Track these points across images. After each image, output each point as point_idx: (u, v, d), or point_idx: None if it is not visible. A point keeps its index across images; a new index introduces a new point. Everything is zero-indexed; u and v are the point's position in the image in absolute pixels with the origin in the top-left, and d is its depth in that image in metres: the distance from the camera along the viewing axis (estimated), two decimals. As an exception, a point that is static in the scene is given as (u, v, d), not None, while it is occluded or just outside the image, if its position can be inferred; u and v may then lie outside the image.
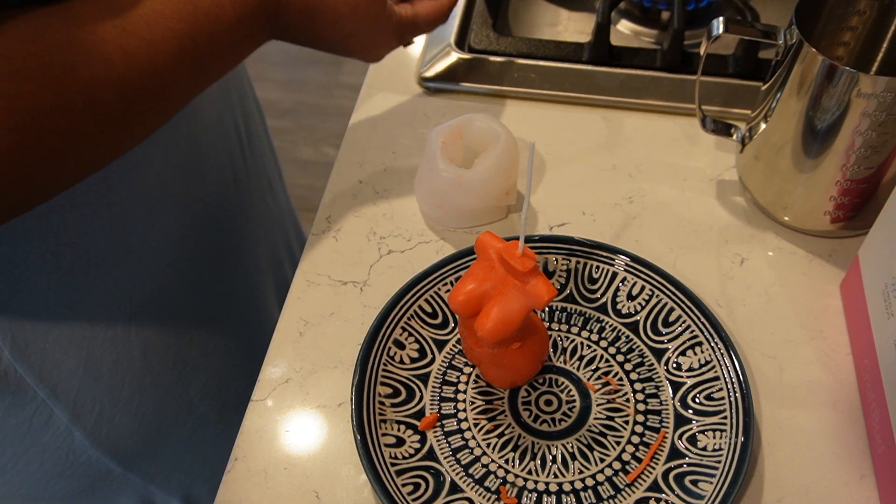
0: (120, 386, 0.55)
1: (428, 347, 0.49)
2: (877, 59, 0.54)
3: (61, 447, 0.55)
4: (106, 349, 0.53)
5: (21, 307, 0.47)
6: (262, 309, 0.70)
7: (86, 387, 0.53)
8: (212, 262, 0.61)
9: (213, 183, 0.59)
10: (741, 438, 0.43)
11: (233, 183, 0.62)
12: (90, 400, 0.54)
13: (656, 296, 0.50)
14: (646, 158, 0.60)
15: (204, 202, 0.58)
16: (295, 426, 0.46)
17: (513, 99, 0.65)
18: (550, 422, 0.46)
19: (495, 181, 0.53)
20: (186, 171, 0.55)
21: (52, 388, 0.51)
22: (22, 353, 0.48)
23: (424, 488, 0.43)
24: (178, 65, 0.40)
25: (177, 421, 0.61)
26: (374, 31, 0.51)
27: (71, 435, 0.54)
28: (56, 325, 0.49)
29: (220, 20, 0.42)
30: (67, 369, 0.51)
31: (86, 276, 0.49)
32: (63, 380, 0.51)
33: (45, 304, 0.48)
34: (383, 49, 0.55)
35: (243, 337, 0.66)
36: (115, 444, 0.57)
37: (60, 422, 0.53)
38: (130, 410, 0.57)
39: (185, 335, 0.59)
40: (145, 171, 0.50)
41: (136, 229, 0.51)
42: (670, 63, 0.64)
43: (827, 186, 0.51)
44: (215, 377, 0.63)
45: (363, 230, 0.56)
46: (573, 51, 0.66)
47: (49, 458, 0.55)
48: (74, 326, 0.50)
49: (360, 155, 0.61)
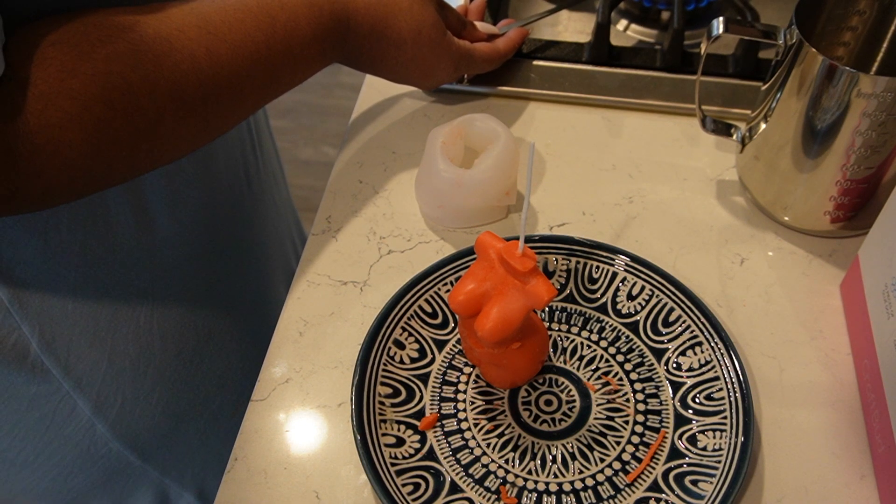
0: (142, 378, 0.56)
1: (428, 347, 0.49)
2: (877, 59, 0.54)
3: (83, 440, 0.56)
4: (129, 342, 0.54)
5: (49, 300, 0.48)
6: (273, 304, 0.71)
7: (109, 379, 0.54)
8: (227, 257, 0.62)
9: (229, 178, 0.60)
10: (741, 438, 0.43)
11: (245, 179, 0.63)
12: (113, 392, 0.55)
13: (656, 296, 0.50)
14: (646, 158, 0.60)
15: (221, 197, 0.59)
16: (295, 426, 0.46)
17: (513, 99, 0.65)
18: (550, 422, 0.46)
19: (495, 181, 0.53)
20: (206, 165, 0.56)
21: (77, 381, 0.52)
22: (49, 345, 0.49)
23: (424, 488, 0.43)
24: (253, 69, 0.43)
25: (193, 413, 0.62)
26: (433, 58, 0.55)
27: (93, 427, 0.55)
28: (82, 317, 0.50)
29: (294, 34, 0.46)
30: (92, 361, 0.52)
31: (111, 269, 0.51)
32: (87, 372, 0.52)
33: (72, 297, 0.49)
34: (441, 76, 0.58)
35: (257, 332, 0.66)
36: (136, 436, 0.58)
37: (83, 414, 0.54)
38: (151, 403, 0.58)
39: (203, 329, 0.60)
40: (169, 166, 0.51)
41: (159, 223, 0.53)
42: (670, 63, 0.64)
43: (827, 186, 0.51)
44: (230, 371, 0.64)
45: (363, 230, 0.56)
46: (573, 51, 0.66)
47: (70, 451, 0.56)
48: (99, 319, 0.51)
49: (360, 155, 0.61)
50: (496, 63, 0.63)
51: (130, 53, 0.37)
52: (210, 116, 0.43)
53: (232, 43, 0.42)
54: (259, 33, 0.43)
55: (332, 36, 0.49)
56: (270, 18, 0.44)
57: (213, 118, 0.43)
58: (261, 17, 0.44)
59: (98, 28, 0.37)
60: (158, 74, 0.38)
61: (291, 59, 0.46)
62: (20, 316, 0.47)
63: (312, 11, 0.47)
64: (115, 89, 0.36)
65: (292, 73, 0.47)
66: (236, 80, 0.43)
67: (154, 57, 0.38)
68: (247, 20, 0.43)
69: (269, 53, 0.44)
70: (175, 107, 0.40)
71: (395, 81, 0.59)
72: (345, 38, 0.50)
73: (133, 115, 0.38)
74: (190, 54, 0.40)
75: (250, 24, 0.43)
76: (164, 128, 0.40)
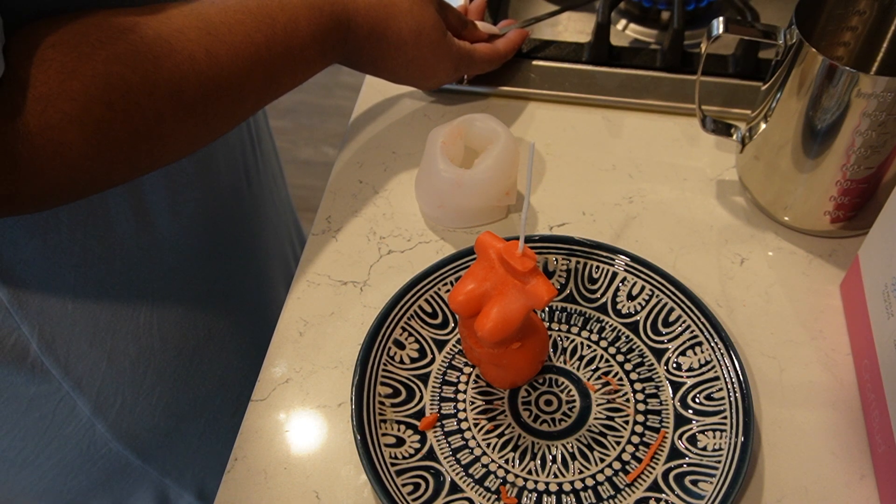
0: (141, 378, 0.56)
1: (428, 347, 0.49)
2: (877, 59, 0.54)
3: (83, 440, 0.56)
4: (128, 342, 0.54)
5: (49, 300, 0.48)
6: (273, 305, 0.71)
7: (109, 379, 0.54)
8: (227, 257, 0.62)
9: (229, 179, 0.60)
10: (741, 438, 0.43)
11: (245, 179, 0.63)
12: (112, 392, 0.55)
13: (656, 296, 0.50)
14: (646, 158, 0.60)
15: (221, 198, 0.59)
16: (295, 426, 0.46)
17: (513, 99, 0.65)
18: (550, 422, 0.46)
19: (495, 181, 0.53)
20: (207, 166, 0.56)
21: (77, 381, 0.52)
22: (49, 345, 0.50)
23: (424, 488, 0.43)
24: (253, 70, 0.44)
25: (193, 414, 0.63)
26: (433, 59, 0.55)
27: (93, 427, 0.55)
28: (82, 317, 0.50)
29: (294, 35, 0.46)
30: (91, 361, 0.52)
31: (111, 269, 0.51)
32: (87, 372, 0.53)
33: (72, 297, 0.49)
34: (441, 76, 0.58)
35: (256, 332, 0.67)
36: (135, 436, 0.58)
37: (83, 414, 0.54)
38: (150, 403, 0.58)
39: (203, 329, 0.60)
40: (170, 167, 0.51)
41: (159, 223, 0.53)
42: (670, 63, 0.64)
43: (827, 186, 0.51)
44: (230, 371, 0.64)
45: (363, 230, 0.56)
46: (573, 51, 0.66)
47: (70, 451, 0.56)
48: (99, 319, 0.52)
49: (360, 155, 0.61)
50: (496, 64, 0.63)
51: (130, 54, 0.37)
52: (210, 117, 0.43)
53: (231, 44, 0.42)
54: (259, 34, 0.44)
55: (331, 37, 0.49)
56: (270, 20, 0.44)
57: (212, 119, 0.43)
58: (261, 18, 0.44)
59: (98, 29, 0.37)
60: (158, 75, 0.38)
61: (291, 59, 0.46)
62: (20, 316, 0.48)
63: (312, 13, 0.47)
64: (115, 90, 0.37)
65: (292, 73, 0.47)
66: (236, 80, 0.43)
67: (153, 58, 0.38)
68: (246, 21, 0.43)
69: (268, 54, 0.44)
70: (175, 107, 0.40)
71: (396, 82, 0.59)
72: (345, 40, 0.50)
73: (133, 115, 0.38)
74: (189, 55, 0.40)
75: (250, 26, 0.43)
76: (164, 128, 0.40)
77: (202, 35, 0.41)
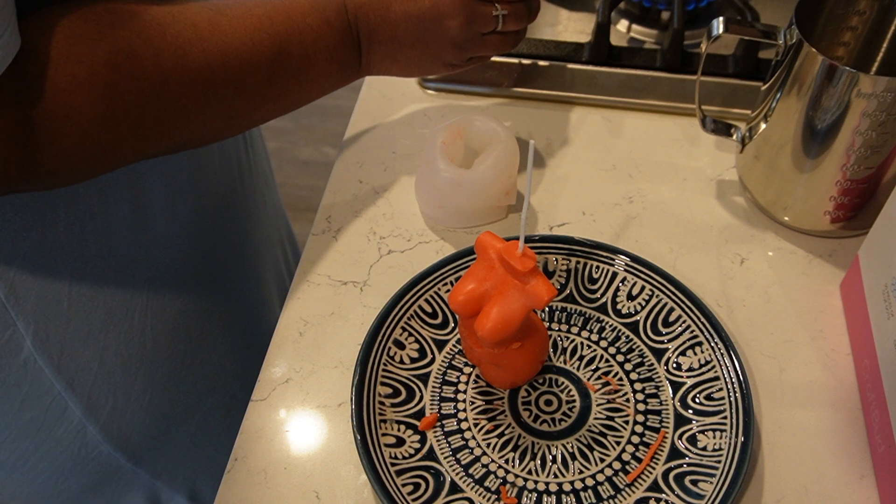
0: (132, 379, 0.56)
1: (428, 347, 0.49)
2: (877, 59, 0.54)
3: (74, 442, 0.55)
4: (121, 342, 0.54)
5: (45, 296, 0.48)
6: (265, 306, 0.71)
7: (100, 380, 0.54)
8: (220, 258, 0.62)
9: (224, 179, 0.60)
10: (741, 438, 0.43)
11: (238, 180, 0.63)
12: (104, 393, 0.55)
13: (656, 296, 0.50)
14: (646, 158, 0.60)
15: (216, 197, 0.59)
16: (295, 426, 0.46)
17: (513, 99, 0.65)
18: (550, 422, 0.46)
19: (495, 181, 0.53)
20: (203, 163, 0.56)
21: (69, 381, 0.52)
22: (43, 343, 0.50)
23: (424, 488, 0.43)
24: (258, 40, 0.45)
25: (185, 416, 0.62)
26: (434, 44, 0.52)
27: (84, 429, 0.55)
28: (76, 315, 0.50)
29: (294, 3, 0.46)
30: (84, 361, 0.52)
31: (107, 268, 0.51)
32: (79, 372, 0.52)
33: (67, 295, 0.49)
34: (446, 59, 0.53)
35: (248, 334, 0.66)
36: (127, 438, 0.58)
37: (74, 415, 0.54)
38: (142, 405, 0.58)
39: (195, 330, 0.60)
40: (169, 165, 0.52)
41: (156, 222, 0.53)
42: (670, 63, 0.64)
43: (827, 186, 0.51)
44: (222, 373, 0.64)
45: (363, 230, 0.56)
46: (573, 51, 0.66)
47: (61, 453, 0.56)
48: (93, 318, 0.51)
49: (360, 155, 0.61)
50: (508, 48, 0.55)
51: (134, 21, 0.40)
52: (219, 87, 0.43)
53: (232, 16, 0.44)
54: (258, 8, 0.45)
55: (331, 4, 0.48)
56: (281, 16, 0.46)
57: (222, 89, 0.44)
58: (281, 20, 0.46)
59: (109, 12, 0.39)
60: (162, 40, 0.40)
61: (296, 30, 0.46)
62: (16, 312, 0.48)
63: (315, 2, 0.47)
64: (120, 53, 0.38)
65: (301, 45, 0.47)
66: (242, 48, 0.44)
67: (157, 24, 0.40)
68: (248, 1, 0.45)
69: (270, 23, 0.45)
70: (180, 72, 0.41)
71: (403, 75, 0.55)
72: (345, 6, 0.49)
73: (139, 77, 0.39)
74: (192, 23, 0.42)
75: (251, 3, 0.45)
76: (171, 94, 0.41)
77: (203, 8, 0.43)
